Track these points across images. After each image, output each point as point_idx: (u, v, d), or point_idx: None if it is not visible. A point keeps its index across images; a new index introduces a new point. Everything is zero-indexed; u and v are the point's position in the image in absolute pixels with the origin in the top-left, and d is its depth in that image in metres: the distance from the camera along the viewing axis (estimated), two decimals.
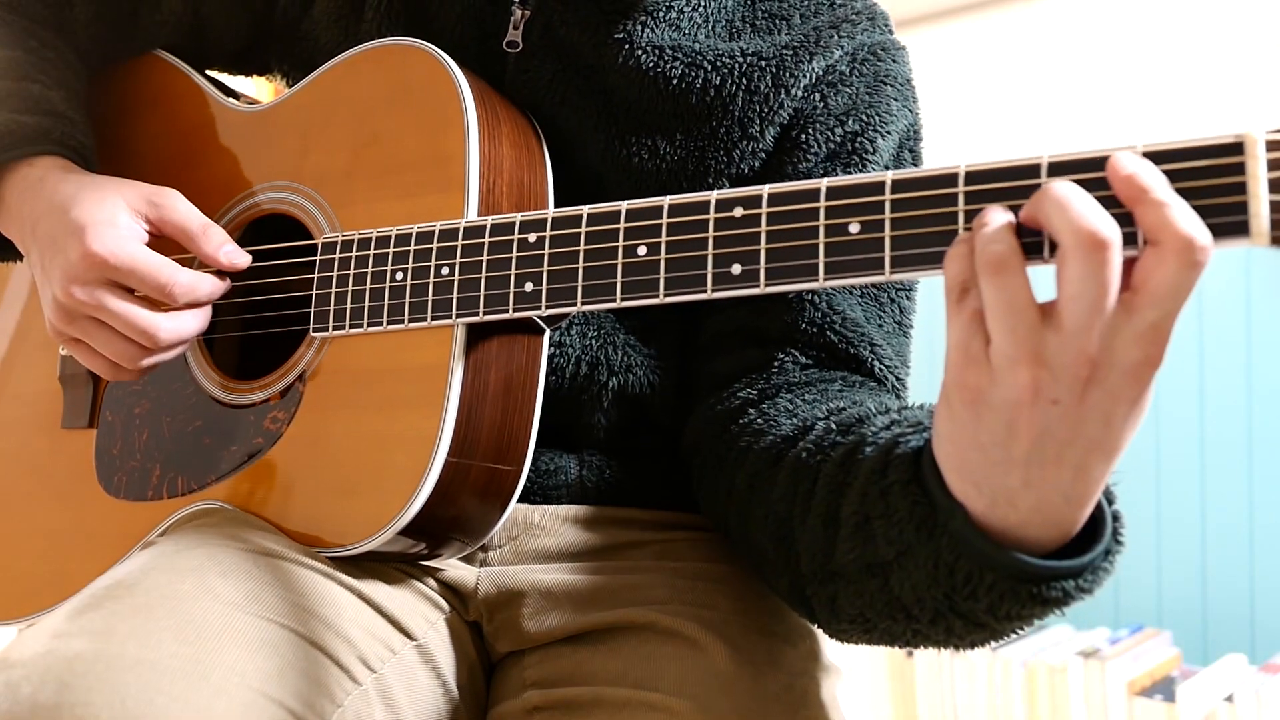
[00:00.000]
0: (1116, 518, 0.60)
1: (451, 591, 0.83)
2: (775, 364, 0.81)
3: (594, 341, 0.84)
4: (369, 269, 0.78)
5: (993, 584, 0.58)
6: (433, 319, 0.75)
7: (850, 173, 0.82)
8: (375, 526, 0.74)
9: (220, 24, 0.95)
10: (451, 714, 0.78)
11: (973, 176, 0.58)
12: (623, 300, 0.69)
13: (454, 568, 0.83)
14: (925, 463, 0.61)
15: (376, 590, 0.77)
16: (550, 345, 0.82)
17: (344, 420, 0.78)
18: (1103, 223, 0.51)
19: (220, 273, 0.83)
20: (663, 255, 0.68)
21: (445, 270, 0.75)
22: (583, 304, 0.71)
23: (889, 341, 0.83)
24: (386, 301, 0.77)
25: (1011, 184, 0.57)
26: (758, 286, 0.65)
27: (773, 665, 0.76)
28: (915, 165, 0.88)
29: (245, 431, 0.81)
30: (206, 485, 0.82)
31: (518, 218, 0.74)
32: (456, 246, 0.75)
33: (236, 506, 0.80)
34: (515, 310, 0.73)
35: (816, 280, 0.63)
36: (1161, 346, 0.51)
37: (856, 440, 0.68)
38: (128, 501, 0.86)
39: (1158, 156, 0.53)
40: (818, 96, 0.83)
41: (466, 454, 0.74)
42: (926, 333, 1.00)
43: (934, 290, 0.58)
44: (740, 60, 0.82)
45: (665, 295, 0.68)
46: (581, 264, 0.71)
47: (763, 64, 0.82)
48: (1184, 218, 0.50)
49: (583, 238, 0.71)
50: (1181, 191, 0.52)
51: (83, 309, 0.79)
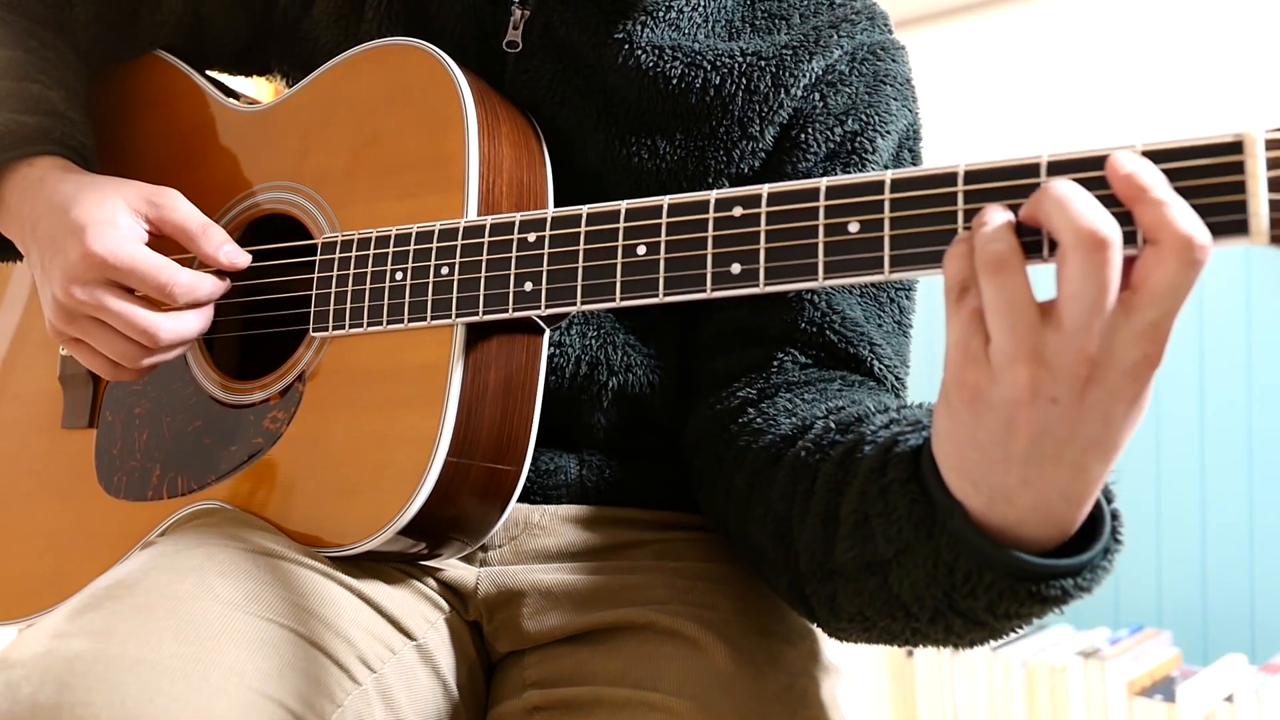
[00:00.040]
0: (1115, 516, 0.60)
1: (451, 591, 0.83)
2: (775, 363, 0.81)
3: (594, 341, 0.84)
4: (369, 269, 0.78)
5: (991, 582, 0.58)
6: (432, 319, 0.75)
7: (850, 172, 0.82)
8: (375, 526, 0.74)
9: (220, 24, 0.95)
10: (451, 714, 0.78)
11: (972, 176, 0.58)
12: (622, 300, 0.69)
13: (454, 567, 0.83)
14: (924, 461, 0.61)
15: (376, 590, 0.77)
16: (550, 345, 0.82)
17: (344, 420, 0.78)
18: (1103, 222, 0.51)
19: (220, 273, 0.83)
20: (662, 255, 0.68)
21: (445, 270, 0.75)
22: (582, 303, 0.71)
23: (888, 341, 0.83)
24: (386, 301, 0.77)
25: (1011, 183, 0.57)
26: (757, 286, 0.65)
27: (773, 665, 0.76)
28: (915, 165, 0.88)
29: (245, 431, 0.82)
30: (206, 485, 0.82)
31: (517, 217, 0.74)
32: (456, 246, 0.75)
33: (236, 506, 0.80)
34: (515, 310, 0.73)
35: (816, 280, 0.63)
36: (1161, 345, 0.52)
37: (855, 439, 0.68)
38: (128, 501, 0.86)
39: (1157, 155, 0.54)
40: (817, 96, 0.83)
41: (466, 454, 0.74)
42: (926, 332, 1.00)
43: (934, 290, 0.58)
44: (740, 60, 0.82)
45: (665, 295, 0.68)
46: (581, 263, 0.71)
47: (762, 64, 0.82)
48: (1183, 217, 0.50)
49: (582, 237, 0.71)
50: (1181, 190, 0.52)
51: (83, 309, 0.79)
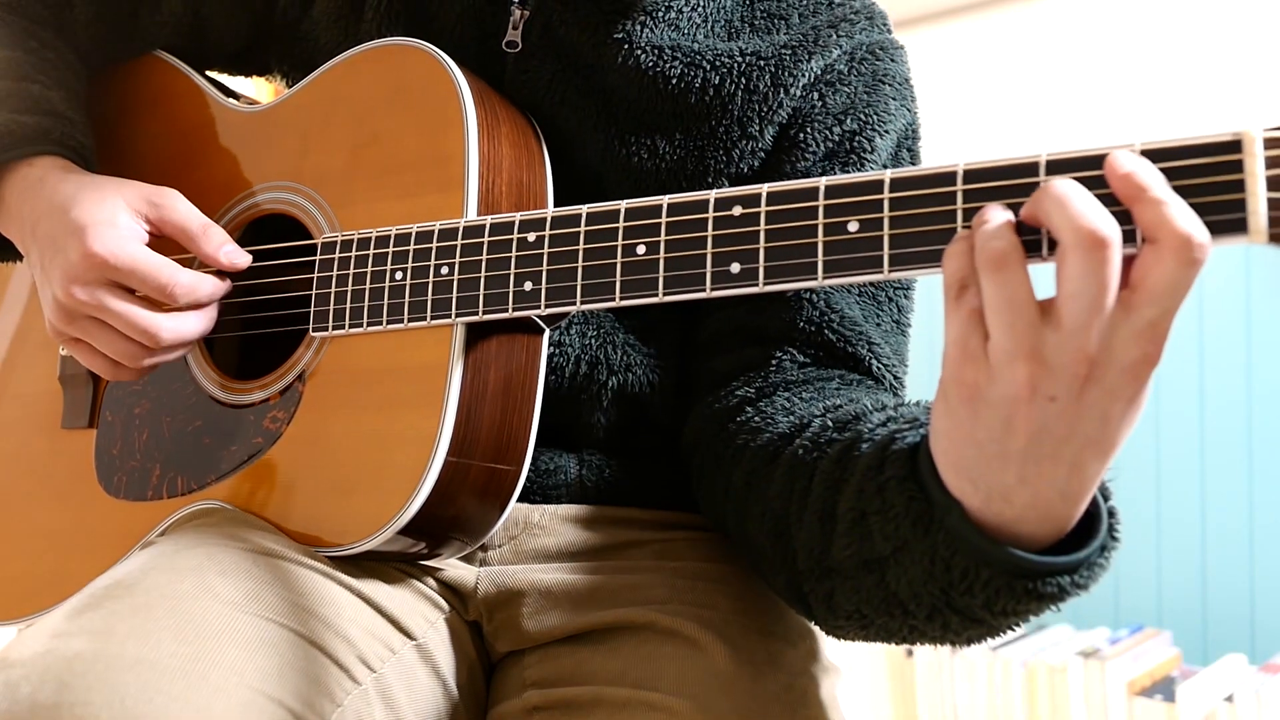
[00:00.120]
0: (1113, 514, 0.60)
1: (451, 591, 0.83)
2: (773, 362, 0.81)
3: (593, 341, 0.84)
4: (368, 269, 0.78)
5: (989, 580, 0.58)
6: (432, 318, 0.75)
7: (848, 171, 0.82)
8: (375, 526, 0.74)
9: (220, 24, 0.95)
10: (451, 713, 0.78)
11: (971, 175, 0.58)
12: (622, 299, 0.69)
13: (453, 567, 0.83)
14: (922, 459, 0.61)
15: (376, 590, 0.77)
16: (550, 345, 0.82)
17: (343, 420, 0.78)
18: (1102, 221, 0.51)
19: (221, 273, 0.83)
20: (662, 254, 0.68)
21: (445, 270, 0.75)
22: (582, 303, 0.71)
23: (887, 340, 0.83)
24: (386, 301, 0.77)
25: (1010, 182, 0.57)
26: (756, 285, 0.65)
27: (772, 665, 0.76)
28: (914, 164, 0.88)
29: (245, 431, 0.82)
30: (206, 485, 0.82)
31: (517, 217, 0.74)
32: (456, 246, 0.75)
33: (236, 506, 0.80)
34: (515, 309, 0.73)
35: (815, 279, 0.63)
36: (1160, 344, 0.52)
37: (853, 437, 0.68)
38: (127, 501, 0.86)
39: (1156, 155, 0.54)
40: (816, 96, 0.84)
41: (466, 453, 0.74)
42: (926, 331, 1.00)
43: (933, 289, 0.58)
44: (739, 60, 0.82)
45: (664, 294, 0.68)
46: (581, 263, 0.71)
47: (761, 63, 0.82)
48: (1182, 215, 0.50)
49: (582, 237, 0.71)
50: (1179, 189, 0.52)
51: (83, 309, 0.79)
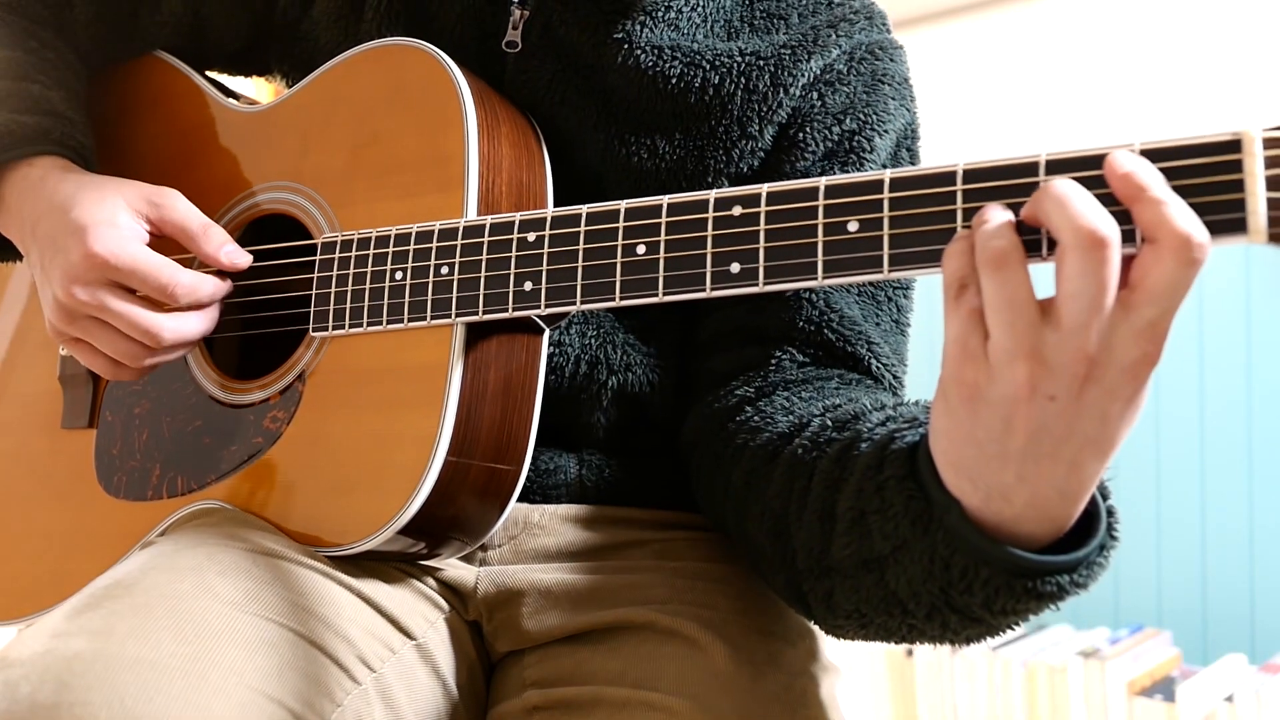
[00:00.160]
0: (1111, 513, 0.60)
1: (451, 591, 0.83)
2: (773, 362, 0.81)
3: (593, 340, 0.84)
4: (368, 269, 0.78)
5: (988, 579, 0.58)
6: (432, 318, 0.75)
7: (848, 171, 0.82)
8: (375, 526, 0.74)
9: (220, 24, 0.95)
10: (451, 713, 0.78)
11: (971, 175, 0.58)
12: (622, 299, 0.70)
13: (453, 567, 0.83)
14: (921, 458, 0.61)
15: (376, 590, 0.77)
16: (549, 344, 0.82)
17: (344, 420, 0.78)
18: (1102, 221, 0.51)
19: (222, 273, 0.83)
20: (662, 254, 0.68)
21: (445, 270, 0.75)
22: (582, 303, 0.71)
23: (886, 339, 0.83)
24: (386, 301, 0.77)
25: (1009, 182, 0.57)
26: (756, 285, 0.65)
27: (772, 665, 0.76)
28: (913, 164, 0.88)
29: (245, 431, 0.82)
30: (206, 485, 0.82)
31: (517, 217, 0.74)
32: (456, 246, 0.75)
33: (236, 506, 0.80)
34: (515, 309, 0.73)
35: (815, 279, 0.63)
36: (1159, 344, 0.52)
37: (852, 436, 0.68)
38: (127, 501, 0.86)
39: (1155, 154, 0.54)
40: (815, 95, 0.84)
41: (466, 453, 0.74)
42: (926, 331, 1.00)
43: (933, 288, 0.58)
44: (739, 60, 0.82)
45: (664, 294, 0.68)
46: (581, 263, 0.71)
47: (761, 63, 0.82)
48: (1181, 215, 0.50)
49: (582, 237, 0.71)
50: (1179, 189, 0.52)
51: (84, 309, 0.79)
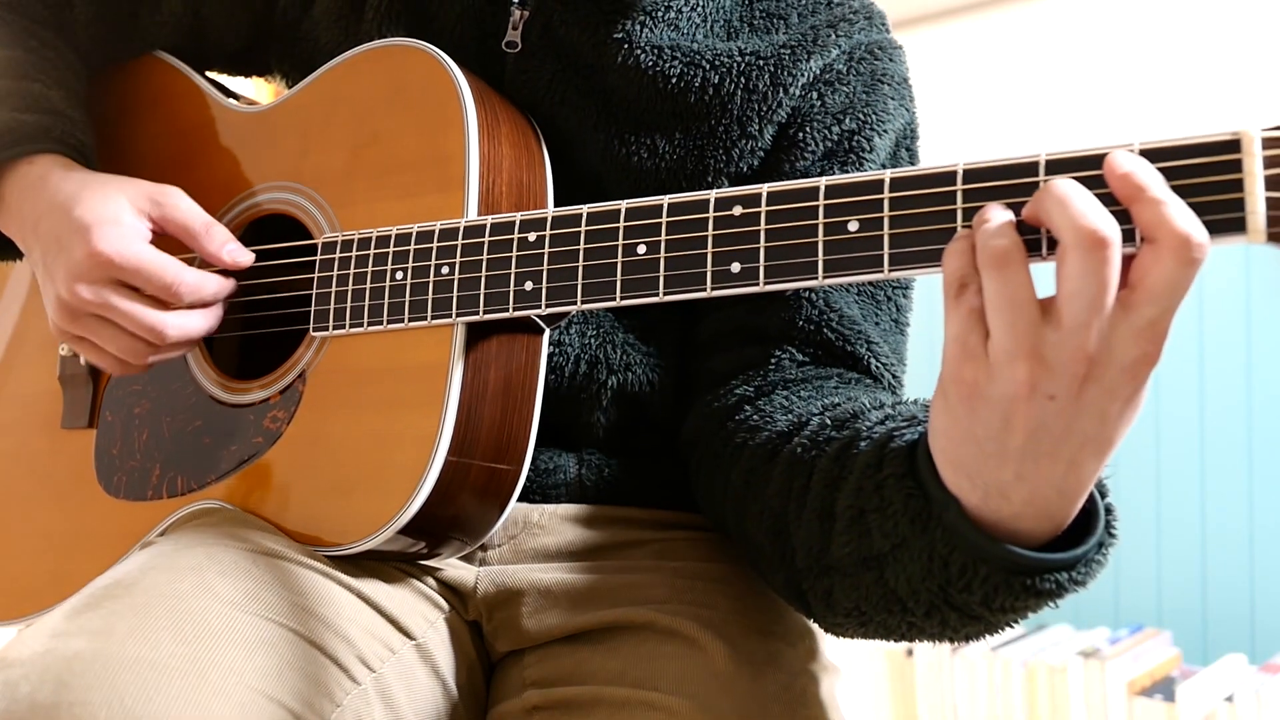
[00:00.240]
0: (1110, 510, 0.60)
1: (451, 591, 0.83)
2: (772, 361, 0.81)
3: (593, 340, 0.84)
4: (369, 268, 0.78)
5: (987, 576, 0.58)
6: (433, 318, 0.75)
7: (847, 171, 0.82)
8: (375, 525, 0.74)
9: (220, 24, 0.95)
10: (451, 713, 0.78)
11: (971, 175, 0.58)
12: (622, 299, 0.70)
13: (453, 567, 0.83)
14: (920, 456, 0.61)
15: (376, 589, 0.77)
16: (549, 344, 0.82)
17: (344, 419, 0.78)
18: (1103, 221, 0.51)
19: (225, 272, 0.83)
20: (662, 254, 0.68)
21: (445, 270, 0.75)
22: (582, 303, 0.71)
23: (885, 339, 0.83)
24: (386, 301, 0.77)
25: (1009, 182, 0.57)
26: (757, 285, 0.65)
27: (772, 664, 0.76)
28: (912, 164, 0.88)
29: (245, 431, 0.82)
30: (206, 485, 0.82)
31: (517, 217, 0.74)
32: (456, 246, 0.75)
33: (236, 506, 0.80)
34: (515, 309, 0.73)
35: (815, 278, 0.63)
36: (1159, 344, 0.52)
37: (851, 435, 0.68)
38: (127, 501, 0.86)
39: (1154, 154, 0.54)
40: (815, 95, 0.84)
41: (466, 453, 0.74)
42: (926, 330, 1.00)
43: (934, 288, 0.58)
44: (738, 59, 0.82)
45: (665, 294, 0.68)
46: (581, 263, 0.71)
47: (761, 63, 0.83)
48: (1180, 215, 0.50)
49: (582, 237, 0.71)
50: (1178, 189, 0.52)
51: (88, 307, 0.79)
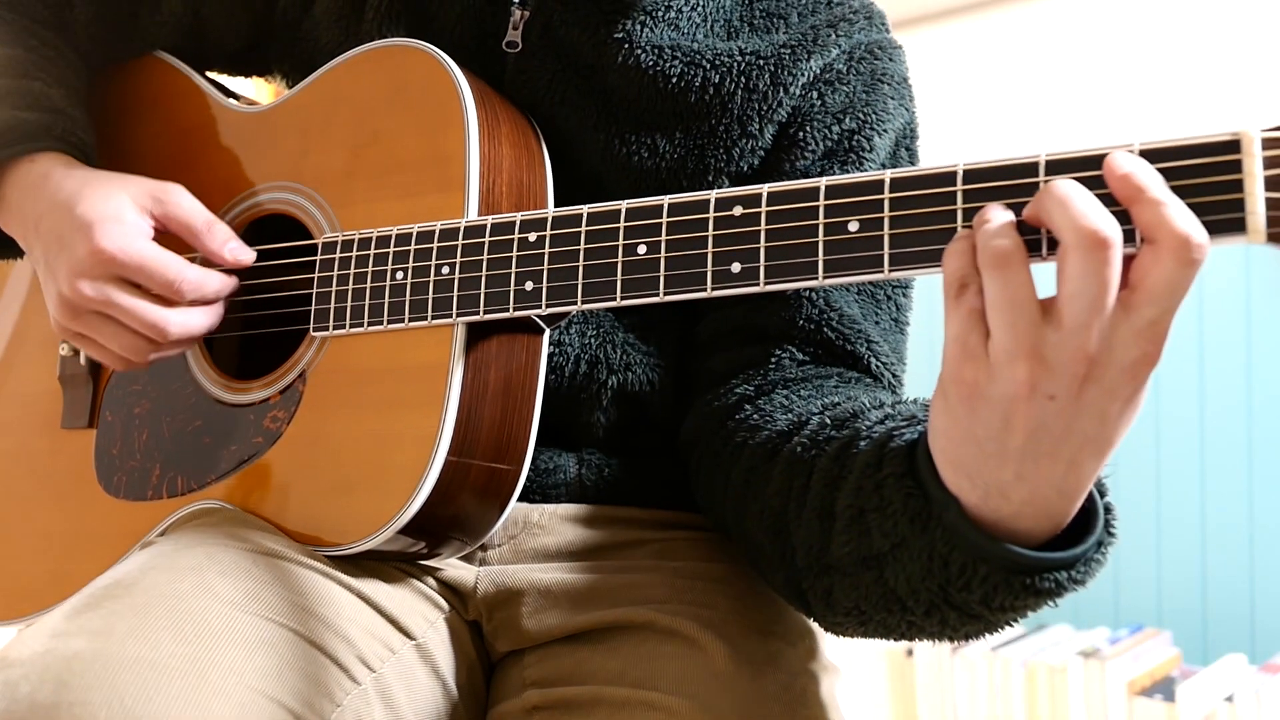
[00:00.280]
0: (1109, 510, 0.60)
1: (451, 591, 0.83)
2: (772, 360, 0.81)
3: (593, 340, 0.84)
4: (369, 268, 0.78)
5: (986, 575, 0.58)
6: (433, 318, 0.75)
7: (847, 170, 0.82)
8: (375, 525, 0.74)
9: (220, 24, 0.95)
10: (451, 713, 0.78)
11: (971, 175, 0.58)
12: (623, 299, 0.70)
13: (453, 567, 0.83)
14: (920, 456, 0.61)
15: (376, 589, 0.77)
16: (549, 344, 0.82)
17: (344, 419, 0.78)
18: (1104, 222, 0.51)
19: (226, 271, 0.83)
20: (662, 254, 0.68)
21: (445, 270, 0.75)
22: (583, 303, 0.71)
23: (885, 338, 0.83)
24: (387, 301, 0.77)
25: (1009, 182, 0.57)
26: (757, 285, 0.65)
27: (772, 664, 0.76)
28: (912, 163, 0.89)
29: (245, 431, 0.82)
30: (206, 485, 0.82)
31: (518, 217, 0.74)
32: (457, 246, 0.75)
33: (236, 506, 0.80)
34: (515, 309, 0.73)
35: (816, 278, 0.63)
36: (1159, 344, 0.52)
37: (851, 434, 0.68)
38: (127, 501, 0.86)
39: (1154, 155, 0.54)
40: (815, 95, 0.84)
41: (466, 453, 0.74)
42: (926, 330, 1.00)
43: (934, 288, 0.58)
44: (739, 59, 0.82)
45: (665, 294, 0.68)
46: (581, 263, 0.71)
47: (761, 63, 0.83)
48: (1180, 216, 0.51)
49: (583, 237, 0.71)
50: (1178, 190, 0.52)
51: (90, 305, 0.79)
